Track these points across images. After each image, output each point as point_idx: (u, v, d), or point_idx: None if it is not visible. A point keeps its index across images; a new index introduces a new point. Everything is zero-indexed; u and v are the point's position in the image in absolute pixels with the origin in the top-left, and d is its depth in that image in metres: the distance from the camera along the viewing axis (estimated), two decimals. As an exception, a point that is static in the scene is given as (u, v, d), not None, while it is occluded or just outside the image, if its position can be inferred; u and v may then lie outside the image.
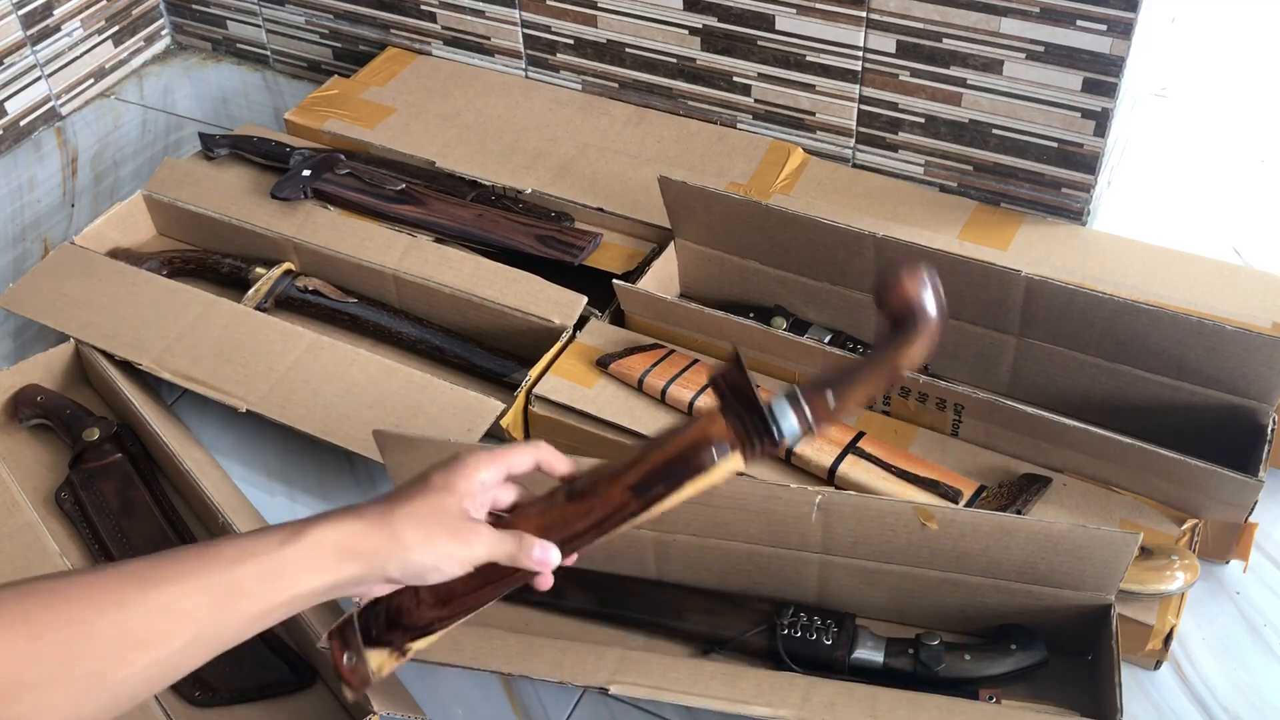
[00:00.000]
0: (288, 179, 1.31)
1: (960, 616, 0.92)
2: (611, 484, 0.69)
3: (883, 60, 1.24)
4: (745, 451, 0.68)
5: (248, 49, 1.71)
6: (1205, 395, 0.98)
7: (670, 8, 1.33)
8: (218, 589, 0.59)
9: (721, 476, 0.68)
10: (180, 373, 1.13)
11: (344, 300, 1.22)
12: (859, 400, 0.69)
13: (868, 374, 0.68)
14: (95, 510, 1.04)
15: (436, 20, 1.50)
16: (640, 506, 0.69)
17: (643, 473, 0.69)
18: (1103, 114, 1.15)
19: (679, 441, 0.69)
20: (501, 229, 1.26)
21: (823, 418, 0.68)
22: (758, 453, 0.68)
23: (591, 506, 0.69)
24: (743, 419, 0.68)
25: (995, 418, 1.00)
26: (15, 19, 1.52)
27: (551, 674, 0.85)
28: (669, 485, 0.68)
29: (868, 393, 0.69)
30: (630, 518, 0.69)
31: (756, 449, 0.68)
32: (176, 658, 0.58)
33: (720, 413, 0.69)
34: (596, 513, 0.69)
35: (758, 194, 1.27)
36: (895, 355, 0.67)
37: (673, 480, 0.68)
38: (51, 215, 1.47)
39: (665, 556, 0.95)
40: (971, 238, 1.22)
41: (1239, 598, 0.98)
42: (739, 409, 0.68)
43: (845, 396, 0.68)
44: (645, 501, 0.69)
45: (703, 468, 0.68)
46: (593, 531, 0.69)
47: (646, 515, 0.69)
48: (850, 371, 0.68)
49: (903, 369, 0.68)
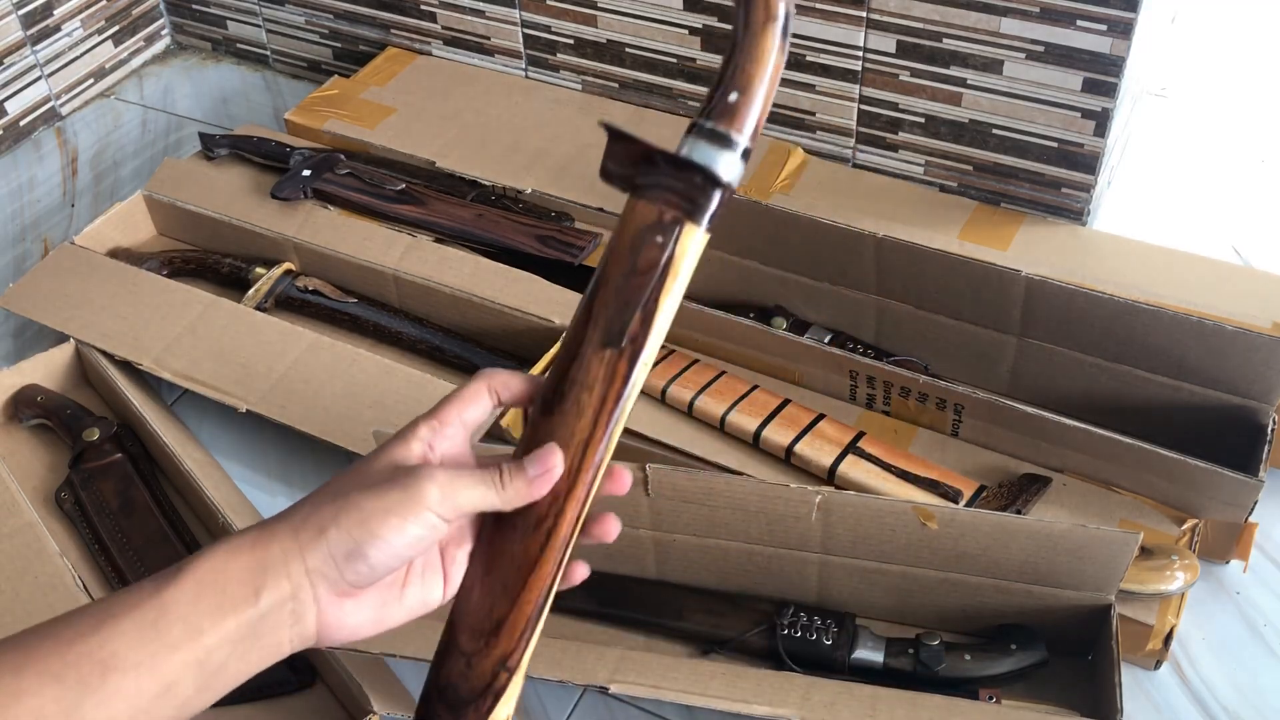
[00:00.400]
0: (288, 179, 1.31)
1: (960, 616, 0.92)
2: (581, 361, 0.54)
3: (883, 60, 1.24)
4: (696, 217, 0.54)
5: (248, 49, 1.71)
6: (1205, 395, 0.98)
7: (670, 8, 1.33)
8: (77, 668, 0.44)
9: (691, 263, 0.55)
10: (180, 373, 1.13)
11: (344, 300, 1.22)
12: (768, 76, 0.54)
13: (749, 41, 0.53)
14: (95, 510, 1.04)
15: (436, 20, 1.50)
16: (629, 359, 0.54)
17: (603, 321, 0.54)
18: (1103, 114, 1.15)
19: (614, 260, 0.54)
20: (501, 229, 1.26)
21: (742, 121, 0.53)
22: (711, 209, 0.54)
23: (577, 401, 0.54)
24: (663, 185, 0.53)
25: (995, 418, 1.00)
26: (15, 19, 1.52)
27: (551, 673, 0.85)
28: (640, 312, 0.54)
29: (769, 63, 0.54)
30: (628, 380, 0.54)
31: (704, 204, 0.54)
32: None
33: (634, 197, 0.54)
34: (587, 403, 0.54)
35: (758, 194, 1.27)
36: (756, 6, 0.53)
37: (640, 303, 0.54)
38: (51, 215, 1.47)
39: (665, 556, 0.95)
40: (971, 238, 1.22)
41: (1239, 598, 0.98)
42: (651, 180, 0.53)
43: (746, 81, 0.54)
44: (630, 349, 0.54)
45: (659, 265, 0.54)
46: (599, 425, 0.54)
47: (642, 366, 0.55)
48: (729, 57, 0.54)
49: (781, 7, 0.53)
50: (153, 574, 0.48)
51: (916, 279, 1.06)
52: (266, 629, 0.48)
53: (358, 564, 0.49)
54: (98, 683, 0.44)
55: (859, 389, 1.06)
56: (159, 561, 0.99)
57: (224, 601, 0.47)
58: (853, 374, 1.05)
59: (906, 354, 1.11)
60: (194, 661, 0.46)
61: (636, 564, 0.96)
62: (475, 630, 0.55)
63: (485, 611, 0.55)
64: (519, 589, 0.55)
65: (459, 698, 0.55)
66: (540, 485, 0.53)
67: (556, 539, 0.55)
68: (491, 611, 0.55)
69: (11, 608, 0.95)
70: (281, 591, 0.49)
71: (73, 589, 0.96)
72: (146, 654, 0.45)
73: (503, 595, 0.55)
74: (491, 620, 0.55)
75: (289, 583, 0.49)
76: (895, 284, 1.07)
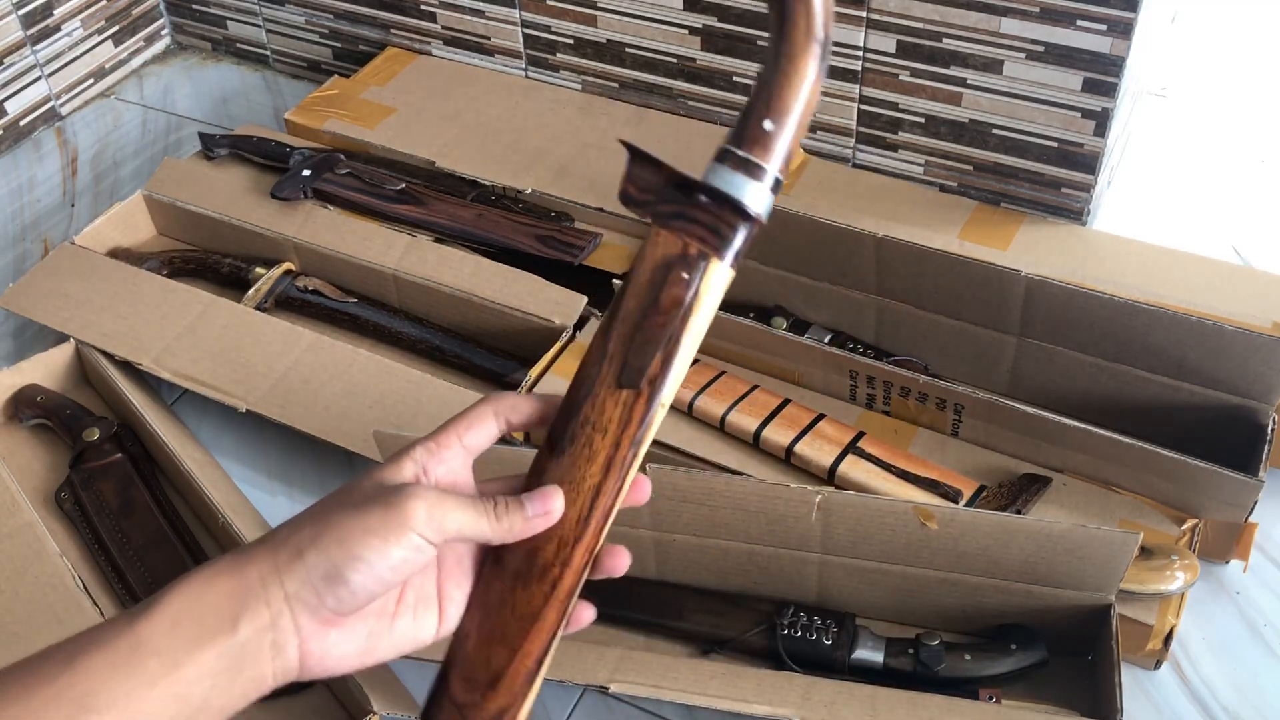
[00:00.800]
0: (288, 179, 1.31)
1: (960, 616, 0.92)
2: (595, 400, 0.51)
3: (883, 60, 1.23)
4: (722, 252, 0.50)
5: (248, 49, 1.71)
6: (1205, 395, 0.98)
7: (670, 8, 1.33)
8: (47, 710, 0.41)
9: (714, 301, 0.51)
10: (180, 373, 1.13)
11: (344, 300, 1.22)
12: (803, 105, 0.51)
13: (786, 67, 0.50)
14: (95, 510, 1.04)
15: (436, 20, 1.50)
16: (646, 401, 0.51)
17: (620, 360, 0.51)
18: (1103, 114, 1.15)
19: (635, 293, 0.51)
20: (501, 229, 1.26)
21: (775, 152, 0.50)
22: (739, 245, 0.51)
23: (590, 442, 0.51)
24: (688, 215, 0.50)
25: (995, 418, 1.00)
26: (15, 19, 1.52)
27: (551, 673, 0.85)
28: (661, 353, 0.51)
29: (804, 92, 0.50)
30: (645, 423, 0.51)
31: (731, 238, 0.50)
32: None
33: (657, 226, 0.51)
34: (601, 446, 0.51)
35: (758, 194, 1.27)
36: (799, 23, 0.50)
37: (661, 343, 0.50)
38: (51, 215, 1.47)
39: (665, 556, 0.95)
40: (971, 238, 1.22)
41: (1239, 598, 0.98)
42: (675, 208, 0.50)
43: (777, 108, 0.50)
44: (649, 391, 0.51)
45: (683, 304, 0.50)
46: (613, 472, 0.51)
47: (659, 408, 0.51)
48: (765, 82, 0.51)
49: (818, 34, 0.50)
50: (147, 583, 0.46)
51: (916, 279, 1.06)
52: (248, 660, 0.46)
53: (337, 588, 0.46)
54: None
55: (859, 389, 1.06)
56: (159, 561, 0.99)
57: (201, 632, 0.44)
58: (853, 374, 1.05)
59: (906, 354, 1.11)
60: (173, 697, 0.44)
61: (636, 564, 0.96)
62: (471, 680, 0.52)
63: (483, 662, 0.52)
64: (520, 640, 0.52)
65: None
66: (536, 525, 0.50)
67: (561, 589, 0.52)
68: (489, 662, 0.51)
69: (11, 608, 0.95)
70: (260, 620, 0.46)
71: (73, 589, 0.96)
72: (121, 692, 0.43)
73: (502, 645, 0.51)
74: (489, 671, 0.51)
75: (268, 610, 0.46)
76: (895, 284, 1.07)
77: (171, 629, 0.44)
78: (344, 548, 0.46)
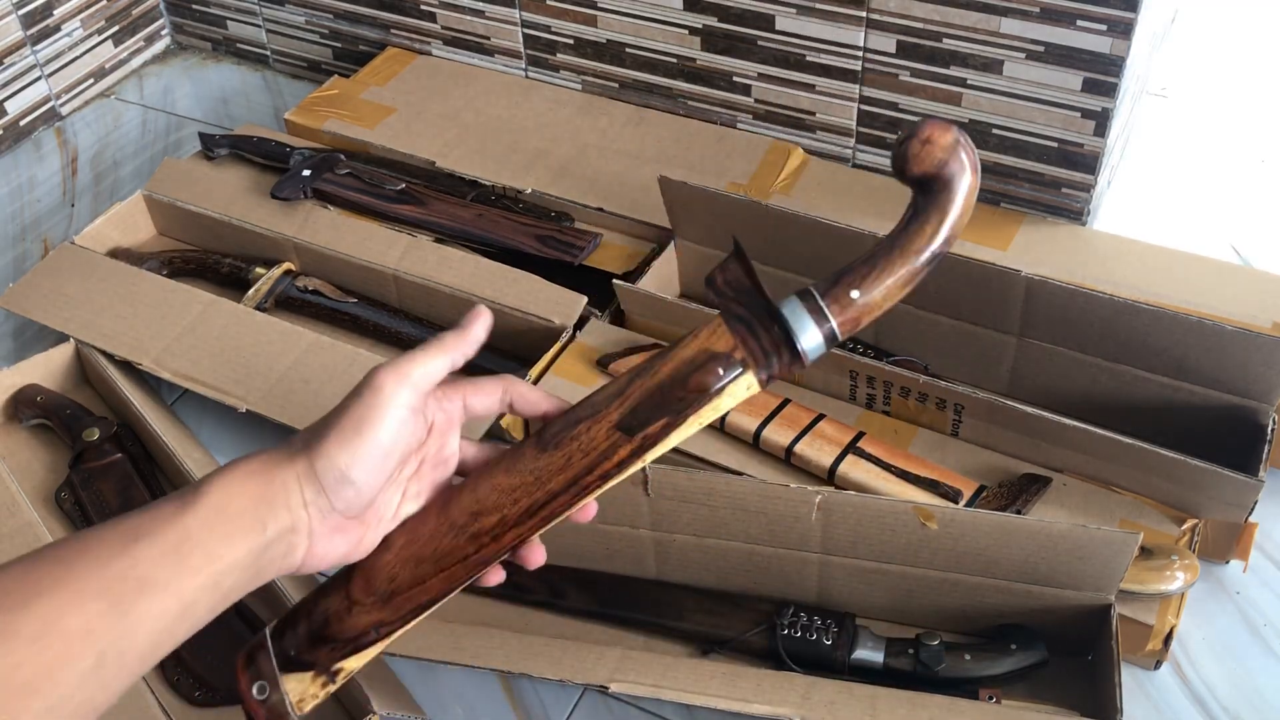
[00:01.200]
0: (288, 179, 1.31)
1: (960, 616, 0.92)
2: (593, 424, 0.55)
3: (883, 60, 1.24)
4: (759, 369, 0.55)
5: (248, 49, 1.71)
6: (1205, 395, 0.98)
7: (670, 8, 1.33)
8: (114, 588, 0.46)
9: (731, 403, 0.56)
10: (180, 373, 1.13)
11: (344, 300, 1.22)
12: (888, 293, 0.56)
13: (896, 255, 0.55)
14: (95, 510, 1.05)
15: (436, 20, 1.50)
16: (632, 451, 0.55)
17: (631, 406, 0.55)
18: (1103, 114, 1.15)
19: (675, 361, 0.55)
20: (501, 229, 1.26)
21: (847, 318, 0.56)
22: (775, 371, 0.56)
23: (570, 455, 0.55)
24: (752, 326, 0.55)
25: (995, 418, 1.00)
26: (15, 19, 1.52)
27: (551, 673, 0.85)
28: (666, 419, 0.55)
29: (897, 283, 0.56)
30: (620, 467, 0.55)
31: (774, 366, 0.56)
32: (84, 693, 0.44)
33: (723, 320, 0.56)
34: (576, 464, 0.55)
35: (758, 194, 1.27)
36: (925, 228, 0.55)
37: (671, 412, 0.55)
38: (51, 215, 1.47)
39: (665, 556, 0.95)
40: (971, 238, 1.22)
41: (1239, 598, 0.98)
42: (745, 314, 0.55)
43: (869, 287, 0.55)
44: (639, 444, 0.55)
45: (707, 392, 0.55)
46: (574, 489, 0.55)
47: (640, 462, 0.56)
48: (873, 257, 0.55)
49: (936, 245, 0.55)
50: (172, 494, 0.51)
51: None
52: (267, 558, 0.51)
53: (344, 489, 0.52)
54: (131, 602, 0.46)
55: (859, 389, 1.06)
56: (159, 561, 0.99)
57: (235, 529, 0.50)
58: (853, 374, 1.05)
59: (906, 354, 1.11)
60: (210, 585, 0.49)
61: (636, 564, 0.96)
62: (370, 586, 0.56)
63: (388, 575, 0.56)
64: (428, 575, 0.56)
65: (325, 633, 0.56)
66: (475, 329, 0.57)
67: (481, 555, 0.57)
68: (394, 579, 0.56)
69: (11, 608, 0.95)
70: (283, 524, 0.51)
71: (73, 589, 0.96)
72: (172, 575, 0.48)
73: (410, 571, 0.56)
74: (389, 586, 0.56)
75: (289, 515, 0.51)
76: (895, 284, 1.07)
77: (211, 525, 0.49)
78: (345, 449, 0.52)
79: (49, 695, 0.43)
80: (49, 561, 0.46)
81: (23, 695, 0.42)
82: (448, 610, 0.97)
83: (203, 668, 0.92)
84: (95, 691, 0.45)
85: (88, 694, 0.45)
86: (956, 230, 0.55)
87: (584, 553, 0.97)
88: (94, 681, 0.45)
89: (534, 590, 0.97)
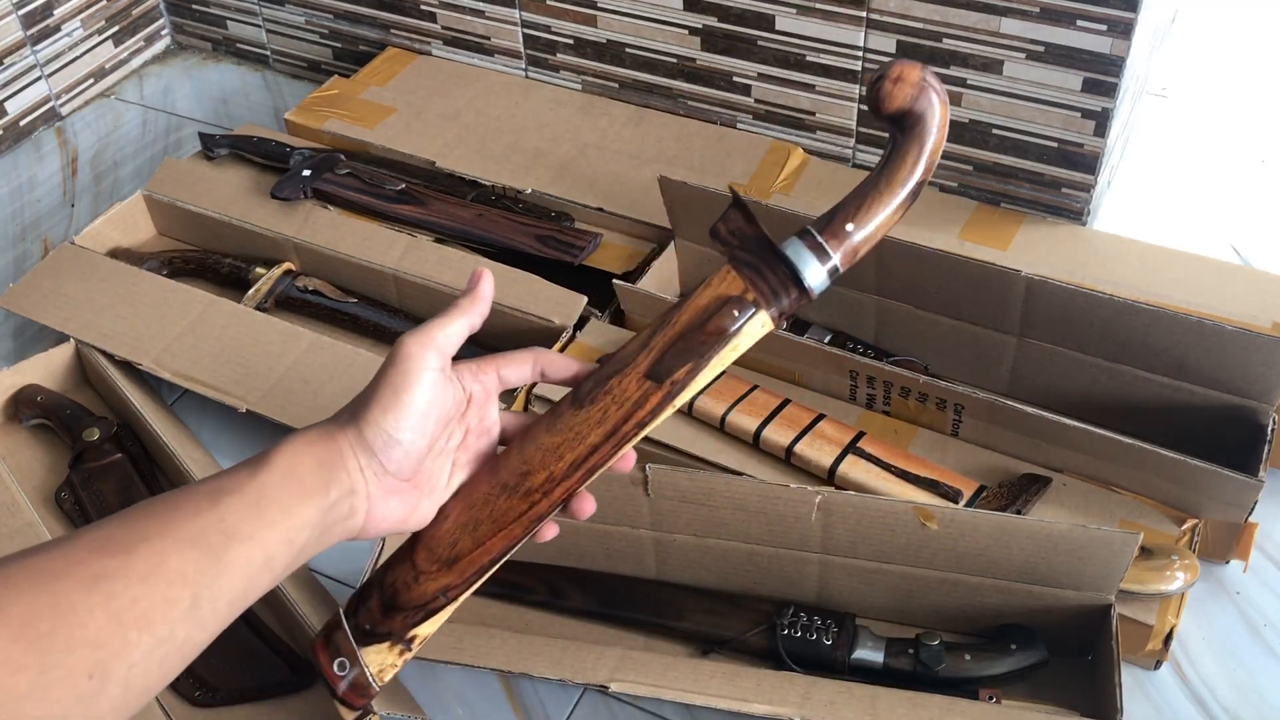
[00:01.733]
0: (288, 179, 1.31)
1: (960, 616, 0.92)
2: (623, 378, 0.61)
3: (883, 60, 1.23)
4: (770, 307, 0.60)
5: (248, 49, 1.71)
6: (1205, 395, 0.98)
7: (670, 8, 1.33)
8: (206, 536, 0.51)
9: (749, 342, 0.61)
10: (180, 373, 1.13)
11: (344, 300, 1.22)
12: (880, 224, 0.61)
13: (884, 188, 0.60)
14: (95, 510, 1.04)
15: (436, 20, 1.50)
16: (663, 397, 0.60)
17: (656, 355, 0.60)
18: (1103, 114, 1.15)
19: (691, 310, 0.61)
20: (501, 229, 1.26)
21: (846, 251, 0.60)
22: (786, 308, 0.61)
23: (605, 409, 0.60)
24: (759, 269, 0.60)
25: (995, 418, 1.00)
26: (15, 19, 1.52)
27: (551, 673, 0.85)
28: (691, 364, 0.60)
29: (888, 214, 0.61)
30: (654, 413, 0.60)
31: (784, 303, 0.61)
32: (183, 631, 0.49)
33: (731, 266, 0.61)
34: (613, 415, 0.60)
35: (758, 194, 1.27)
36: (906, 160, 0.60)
37: (695, 356, 0.60)
38: (51, 215, 1.47)
39: (665, 556, 0.95)
40: (971, 238, 1.22)
41: (1239, 598, 0.98)
42: (751, 258, 0.61)
43: (863, 220, 0.60)
44: (668, 390, 0.60)
45: (725, 334, 0.60)
46: (613, 439, 0.60)
47: (671, 407, 0.61)
48: (862, 193, 0.61)
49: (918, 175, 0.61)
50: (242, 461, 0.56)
51: (916, 279, 1.06)
52: (332, 518, 0.56)
53: (392, 450, 0.57)
54: (221, 550, 0.51)
55: (859, 389, 1.06)
56: (159, 561, 0.99)
57: (304, 490, 0.55)
58: (853, 374, 1.05)
59: (906, 354, 1.11)
60: (286, 540, 0.54)
61: (636, 564, 0.96)
62: (433, 554, 0.61)
63: (449, 542, 0.61)
64: (487, 536, 0.61)
65: (396, 602, 0.61)
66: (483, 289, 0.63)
67: (535, 511, 0.61)
68: (455, 544, 0.61)
69: (11, 608, 0.95)
70: (343, 486, 0.56)
71: (73, 589, 0.96)
72: (254, 528, 0.52)
73: (469, 535, 0.61)
74: (452, 551, 0.61)
75: (348, 478, 0.56)
76: (895, 284, 1.07)
77: (283, 485, 0.54)
78: (387, 414, 0.57)
79: (159, 629, 0.48)
80: (146, 514, 0.51)
81: (139, 626, 0.48)
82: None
83: (203, 668, 0.92)
84: (194, 630, 0.50)
85: (187, 632, 0.50)
86: (934, 160, 0.61)
87: (584, 553, 0.97)
88: (193, 620, 0.50)
89: (534, 590, 0.97)
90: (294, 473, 0.55)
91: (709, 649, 0.93)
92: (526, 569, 0.98)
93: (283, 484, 0.54)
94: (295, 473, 0.55)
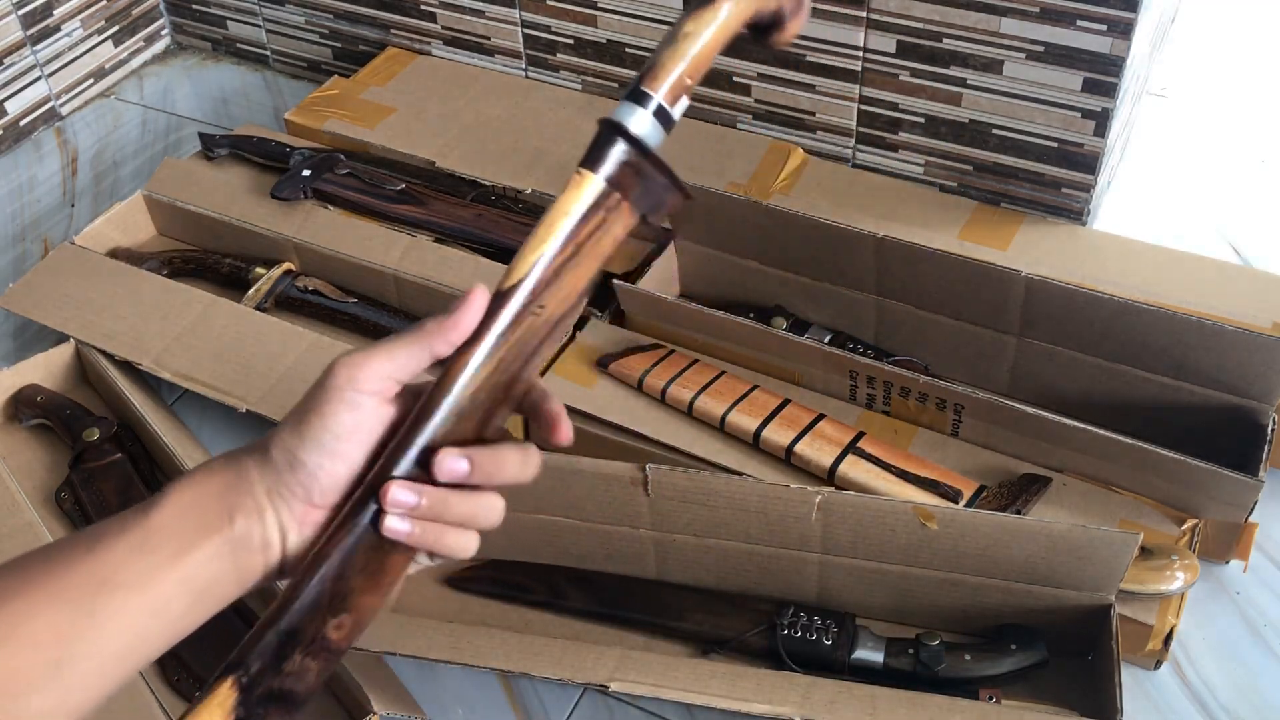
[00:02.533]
0: (288, 179, 1.31)
1: (960, 616, 0.92)
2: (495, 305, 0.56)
3: (883, 60, 1.23)
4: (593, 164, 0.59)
5: (248, 49, 1.71)
6: (1205, 395, 0.98)
7: (670, 8, 1.32)
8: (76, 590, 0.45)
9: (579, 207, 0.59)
10: (180, 373, 1.13)
11: (344, 300, 1.22)
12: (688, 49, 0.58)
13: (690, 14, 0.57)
14: (95, 510, 1.04)
15: (436, 20, 1.50)
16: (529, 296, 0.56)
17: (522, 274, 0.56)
18: (1103, 114, 1.15)
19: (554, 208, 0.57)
20: (501, 229, 1.26)
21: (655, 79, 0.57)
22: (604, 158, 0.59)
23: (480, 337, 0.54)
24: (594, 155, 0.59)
25: (995, 418, 1.00)
26: (15, 19, 1.52)
27: (551, 673, 0.85)
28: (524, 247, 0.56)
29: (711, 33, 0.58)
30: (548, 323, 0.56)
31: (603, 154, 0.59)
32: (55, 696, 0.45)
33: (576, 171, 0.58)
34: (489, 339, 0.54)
35: (758, 194, 1.27)
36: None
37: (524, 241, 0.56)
38: (51, 215, 1.47)
39: (665, 556, 0.95)
40: (971, 238, 1.22)
41: (1239, 598, 0.98)
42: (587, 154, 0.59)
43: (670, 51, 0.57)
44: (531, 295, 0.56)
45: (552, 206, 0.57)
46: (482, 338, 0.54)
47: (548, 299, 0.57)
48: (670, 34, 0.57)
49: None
50: None
51: (916, 279, 1.06)
52: (241, 552, 0.50)
53: (298, 472, 0.50)
54: (93, 601, 0.46)
55: (859, 389, 1.06)
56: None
57: (203, 524, 0.49)
58: (853, 374, 1.05)
59: (906, 354, 1.11)
60: (181, 579, 0.48)
61: (636, 564, 0.96)
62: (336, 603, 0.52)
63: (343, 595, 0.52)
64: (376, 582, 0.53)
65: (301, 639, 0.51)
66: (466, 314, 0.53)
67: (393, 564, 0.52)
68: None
69: (11, 608, 0.95)
70: (250, 515, 0.50)
71: (73, 589, 0.96)
72: (138, 572, 0.47)
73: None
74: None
75: (254, 503, 0.50)
76: (895, 284, 1.07)
77: (179, 519, 0.49)
78: (297, 433, 0.50)
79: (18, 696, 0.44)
80: (14, 570, 0.47)
81: None
82: (448, 610, 0.97)
83: (203, 668, 0.92)
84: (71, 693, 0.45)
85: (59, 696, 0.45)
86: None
87: (584, 553, 0.97)
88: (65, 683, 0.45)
89: (534, 590, 0.97)
90: (195, 505, 0.49)
91: (709, 649, 0.93)
92: (526, 569, 0.98)
93: (176, 520, 0.49)
94: (196, 505, 0.49)
